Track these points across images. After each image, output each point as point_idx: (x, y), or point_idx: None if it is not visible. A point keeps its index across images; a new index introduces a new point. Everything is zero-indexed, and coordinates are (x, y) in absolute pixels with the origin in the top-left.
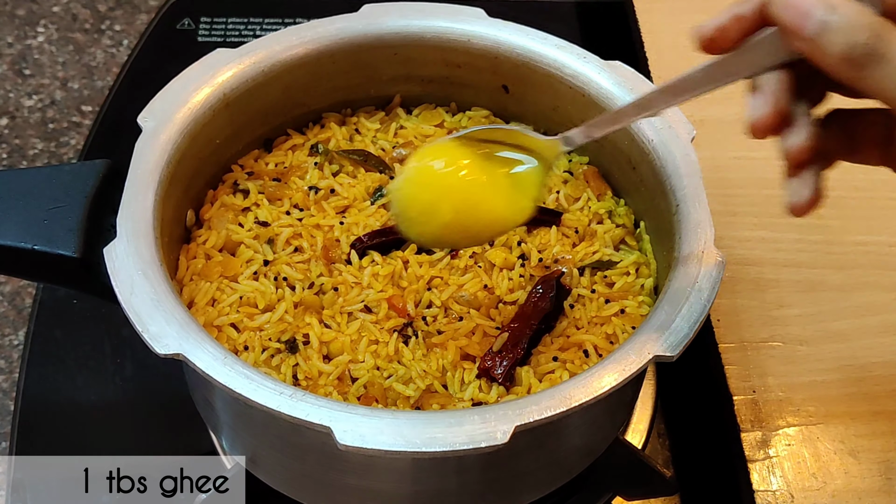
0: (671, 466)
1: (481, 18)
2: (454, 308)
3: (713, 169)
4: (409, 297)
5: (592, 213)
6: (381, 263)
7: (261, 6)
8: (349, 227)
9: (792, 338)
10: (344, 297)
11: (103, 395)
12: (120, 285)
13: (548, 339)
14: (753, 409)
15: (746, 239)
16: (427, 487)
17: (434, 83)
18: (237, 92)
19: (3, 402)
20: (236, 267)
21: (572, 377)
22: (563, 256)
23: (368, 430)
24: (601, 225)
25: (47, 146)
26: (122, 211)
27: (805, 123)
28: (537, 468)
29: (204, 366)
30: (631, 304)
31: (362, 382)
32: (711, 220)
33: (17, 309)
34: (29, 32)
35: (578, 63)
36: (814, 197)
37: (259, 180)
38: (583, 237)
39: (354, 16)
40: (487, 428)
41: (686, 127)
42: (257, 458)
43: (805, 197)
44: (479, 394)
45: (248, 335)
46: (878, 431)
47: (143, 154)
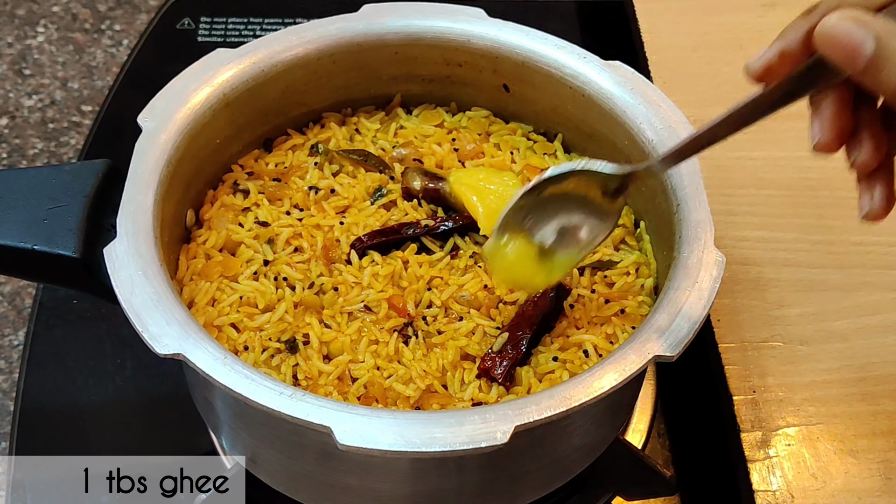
0: (671, 466)
1: (481, 18)
2: (454, 308)
3: (714, 169)
4: (409, 297)
5: None
6: (381, 263)
7: (261, 6)
8: (349, 227)
9: (792, 338)
10: (344, 297)
11: (103, 396)
12: (120, 285)
13: (548, 339)
14: (753, 409)
15: (747, 239)
16: (427, 487)
17: (434, 83)
18: (237, 92)
19: (2, 402)
20: (236, 267)
21: (572, 377)
22: None
23: (368, 430)
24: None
25: (47, 146)
26: (122, 211)
27: (868, 136)
28: (537, 468)
29: (204, 366)
30: (631, 304)
31: (362, 382)
32: (712, 220)
33: (17, 309)
34: (29, 32)
35: (578, 63)
36: (887, 201)
37: (259, 180)
38: None
39: (354, 16)
40: (487, 428)
41: (686, 127)
42: (257, 458)
43: (879, 203)
44: (479, 394)
45: (248, 335)
46: (878, 431)
47: (143, 154)
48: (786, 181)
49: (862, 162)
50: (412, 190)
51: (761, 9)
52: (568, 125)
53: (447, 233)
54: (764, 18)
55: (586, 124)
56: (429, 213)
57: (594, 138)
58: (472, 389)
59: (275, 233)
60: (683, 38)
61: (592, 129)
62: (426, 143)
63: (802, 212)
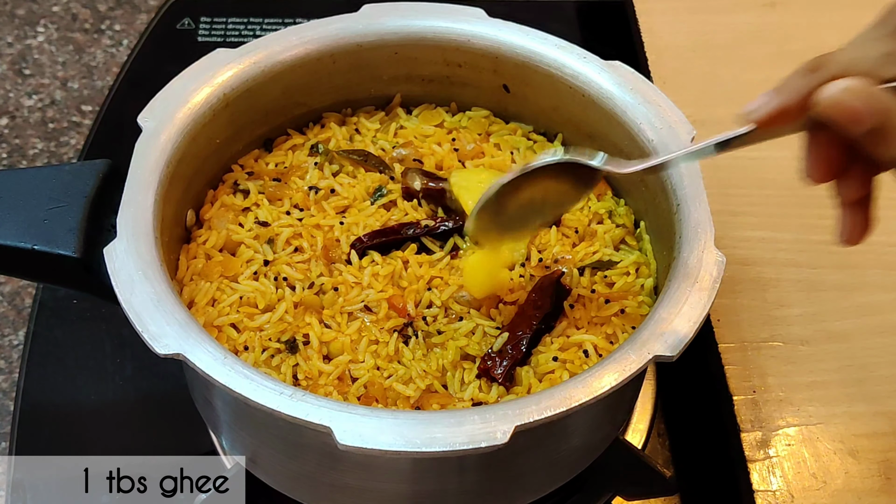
0: (671, 466)
1: (481, 18)
2: (454, 308)
3: (713, 169)
4: (410, 297)
5: (592, 213)
6: (381, 263)
7: (261, 6)
8: (349, 227)
9: (792, 338)
10: (344, 297)
11: (103, 396)
12: (120, 285)
13: (548, 339)
14: (753, 409)
15: (747, 239)
16: (427, 487)
17: (434, 83)
18: (237, 92)
19: (2, 402)
20: (236, 267)
21: (572, 377)
22: (563, 256)
23: (368, 430)
24: (601, 225)
25: (47, 146)
26: (123, 211)
27: (857, 173)
28: (537, 468)
29: (204, 366)
30: (631, 304)
31: (362, 382)
32: (712, 220)
33: (16, 309)
34: (29, 32)
35: (579, 63)
36: (865, 227)
37: (259, 180)
38: (583, 237)
39: (354, 16)
40: (487, 428)
41: (686, 127)
42: (257, 458)
43: (857, 228)
44: (479, 394)
45: (248, 335)
46: (879, 431)
47: (144, 154)
48: (786, 181)
49: (848, 197)
50: (412, 190)
51: (761, 9)
52: (568, 125)
53: (447, 233)
54: (764, 18)
55: (586, 124)
56: (429, 213)
57: (594, 138)
58: (472, 389)
59: (275, 233)
60: (683, 38)
61: (592, 128)
62: (426, 143)
63: (803, 212)
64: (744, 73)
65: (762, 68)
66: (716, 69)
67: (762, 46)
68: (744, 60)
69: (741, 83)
